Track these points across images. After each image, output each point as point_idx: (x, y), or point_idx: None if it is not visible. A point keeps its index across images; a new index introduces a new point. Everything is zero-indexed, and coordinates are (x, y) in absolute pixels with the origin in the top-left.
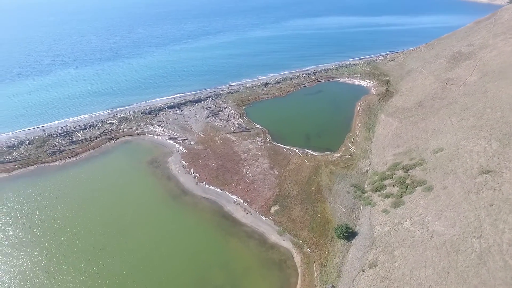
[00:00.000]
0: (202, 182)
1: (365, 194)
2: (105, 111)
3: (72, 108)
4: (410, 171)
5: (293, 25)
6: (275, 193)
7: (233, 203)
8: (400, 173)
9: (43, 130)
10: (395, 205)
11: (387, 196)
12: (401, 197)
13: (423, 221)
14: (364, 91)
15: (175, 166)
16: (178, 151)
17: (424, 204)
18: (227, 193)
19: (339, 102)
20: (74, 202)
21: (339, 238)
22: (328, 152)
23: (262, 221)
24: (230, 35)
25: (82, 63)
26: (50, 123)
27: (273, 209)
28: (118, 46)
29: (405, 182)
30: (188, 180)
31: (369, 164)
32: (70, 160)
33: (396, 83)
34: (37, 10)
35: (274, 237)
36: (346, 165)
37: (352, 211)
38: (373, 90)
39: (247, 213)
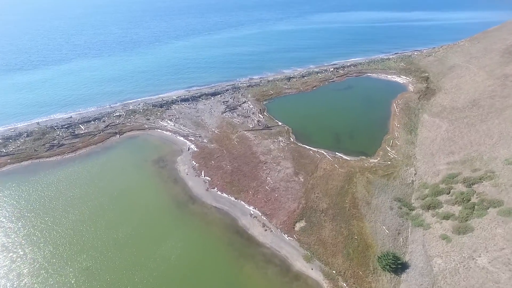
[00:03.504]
0: (214, 188)
1: (414, 212)
2: (114, 103)
3: (81, 98)
4: (475, 185)
5: (319, 19)
6: (301, 206)
7: (249, 216)
8: (461, 187)
9: (37, 123)
10: (460, 230)
11: (446, 217)
12: (466, 220)
13: (509, 260)
14: (400, 88)
15: (184, 167)
16: (188, 149)
17: (505, 234)
18: (243, 202)
19: (373, 100)
20: (61, 207)
21: (384, 270)
22: (363, 157)
23: (284, 241)
24: (253, 28)
25: (100, 54)
26: (56, 115)
27: (298, 226)
28: (138, 38)
29: (469, 200)
30: (197, 184)
31: (415, 174)
32: (68, 155)
33: (437, 80)
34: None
35: (299, 263)
36: (386, 173)
37: (398, 233)
38: (410, 87)
39: (266, 230)
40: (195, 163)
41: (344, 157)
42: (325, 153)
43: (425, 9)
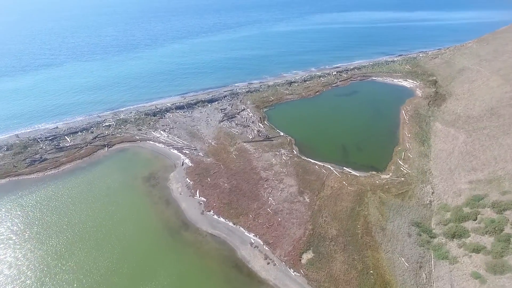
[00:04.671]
0: (210, 211)
1: (435, 240)
2: (105, 112)
3: (69, 106)
4: (508, 212)
5: (319, 20)
6: (307, 232)
7: (249, 246)
8: (489, 213)
9: (16, 136)
10: (496, 269)
11: (476, 249)
12: (502, 255)
13: None
14: (407, 92)
15: (177, 185)
16: (182, 164)
17: None
18: (242, 229)
19: (379, 106)
20: (34, 237)
21: None
22: (373, 172)
23: (290, 277)
24: (251, 29)
25: (93, 58)
26: (41, 125)
27: (305, 257)
28: (134, 40)
29: (502, 230)
30: (192, 206)
31: (432, 192)
32: (50, 172)
33: (446, 84)
34: (64, 3)
35: None
36: (400, 191)
37: (420, 267)
38: (418, 92)
39: (268, 263)
40: (189, 181)
41: (353, 172)
42: (331, 168)
43: (427, 9)
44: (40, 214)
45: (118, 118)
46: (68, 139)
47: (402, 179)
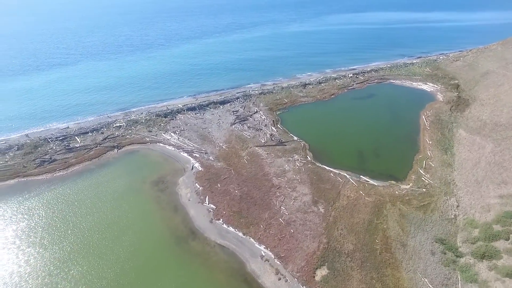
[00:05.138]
0: (219, 219)
1: (462, 260)
2: (116, 112)
3: (81, 106)
4: None
5: (334, 21)
6: (322, 246)
7: (260, 259)
8: None
9: (26, 136)
10: None
11: (510, 274)
12: None
13: None
14: (427, 96)
15: (186, 190)
16: (192, 168)
17: None
18: (252, 240)
19: (398, 110)
20: (38, 242)
21: None
22: (392, 182)
23: None
24: (266, 29)
25: (108, 57)
26: (52, 124)
27: (319, 274)
28: (148, 40)
29: None
30: (200, 213)
31: (457, 206)
32: (59, 173)
33: (469, 88)
34: (83, 3)
35: None
36: (422, 203)
37: None
38: (439, 96)
39: (280, 279)
40: (198, 186)
41: (371, 181)
42: (347, 176)
43: (445, 9)
44: (46, 218)
45: (129, 118)
46: (78, 140)
47: (424, 190)
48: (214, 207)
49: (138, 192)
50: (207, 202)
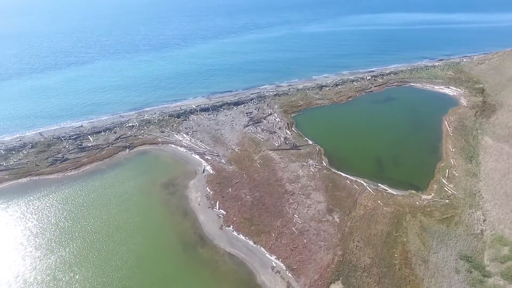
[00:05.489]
0: (229, 226)
1: (490, 281)
2: (128, 111)
3: (96, 104)
4: None
5: (352, 21)
6: (336, 258)
7: (270, 270)
8: None
9: (40, 134)
10: None
11: None
12: None
13: None
14: (450, 101)
15: (196, 194)
16: (203, 171)
17: None
18: (263, 249)
19: (419, 115)
20: (45, 244)
21: None
22: (412, 191)
23: None
24: (282, 29)
25: (124, 56)
26: (67, 122)
27: None
28: (165, 39)
29: None
30: (210, 219)
31: (484, 220)
32: (70, 173)
33: (495, 93)
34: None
35: None
36: (445, 216)
37: None
38: (463, 101)
39: None
40: (209, 190)
41: (389, 190)
42: (364, 184)
43: (468, 10)
44: (54, 219)
45: (142, 118)
46: (91, 139)
47: (447, 201)
48: (224, 212)
49: (147, 195)
50: (217, 207)
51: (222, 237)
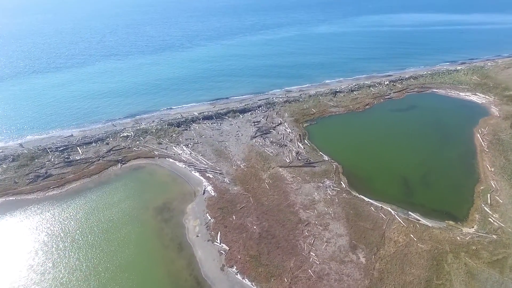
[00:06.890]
0: (233, 267)
1: None
2: (124, 119)
3: (90, 111)
4: None
5: (364, 22)
6: None
7: None
8: None
9: (20, 145)
10: None
11: None
12: None
13: None
14: (479, 110)
15: (194, 222)
16: (204, 193)
17: None
18: None
19: (446, 126)
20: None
21: None
22: (450, 222)
23: None
24: (291, 30)
25: (126, 57)
26: (56, 131)
27: None
28: (170, 39)
29: None
30: (210, 256)
31: None
32: (53, 192)
33: None
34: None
35: None
36: (495, 257)
37: None
38: (494, 110)
39: None
40: (210, 218)
41: (422, 221)
42: (392, 212)
43: (487, 11)
44: (23, 253)
45: (138, 127)
46: (80, 151)
47: (494, 236)
48: (227, 248)
49: (138, 223)
50: (218, 241)
51: (223, 281)
